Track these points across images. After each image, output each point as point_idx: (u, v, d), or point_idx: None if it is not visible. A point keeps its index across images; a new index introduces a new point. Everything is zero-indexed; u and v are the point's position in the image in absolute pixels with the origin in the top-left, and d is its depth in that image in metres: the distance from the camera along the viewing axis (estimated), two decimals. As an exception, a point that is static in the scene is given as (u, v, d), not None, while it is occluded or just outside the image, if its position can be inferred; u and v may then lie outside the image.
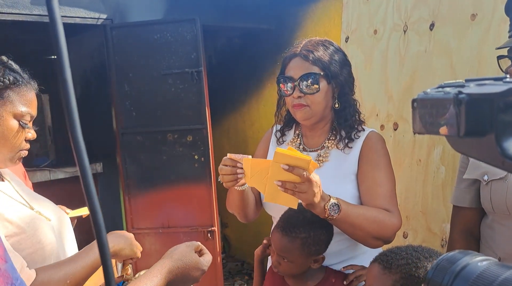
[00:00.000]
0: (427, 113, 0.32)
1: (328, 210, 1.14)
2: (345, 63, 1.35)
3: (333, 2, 2.85)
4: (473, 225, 1.41)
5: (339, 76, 1.31)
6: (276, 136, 1.48)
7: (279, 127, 1.49)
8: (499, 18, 1.64)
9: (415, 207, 1.95)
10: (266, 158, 1.47)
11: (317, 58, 1.28)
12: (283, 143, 1.46)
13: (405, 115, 2.02)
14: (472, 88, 0.29)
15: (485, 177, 1.30)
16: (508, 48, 1.27)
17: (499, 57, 1.32)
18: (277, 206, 1.25)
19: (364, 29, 2.18)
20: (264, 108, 3.70)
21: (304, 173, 1.05)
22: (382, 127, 2.10)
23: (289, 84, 1.30)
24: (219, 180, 1.21)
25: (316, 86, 1.27)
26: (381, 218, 1.23)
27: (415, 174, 1.96)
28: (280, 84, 1.34)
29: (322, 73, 1.28)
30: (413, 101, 0.36)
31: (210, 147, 2.82)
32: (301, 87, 1.28)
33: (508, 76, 0.29)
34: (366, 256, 1.34)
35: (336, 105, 1.34)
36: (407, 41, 1.98)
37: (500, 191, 1.26)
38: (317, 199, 1.10)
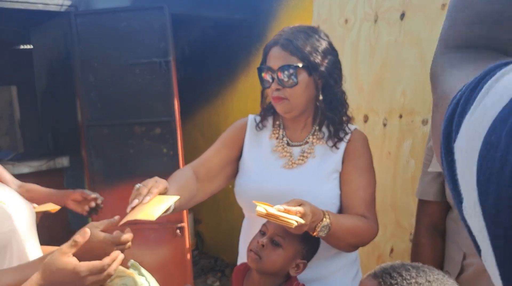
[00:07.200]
0: None
1: (319, 231, 1.09)
2: (329, 52, 1.24)
3: (307, -8, 2.79)
4: (439, 219, 1.36)
5: (321, 67, 1.21)
6: (255, 121, 1.38)
7: (258, 118, 1.39)
8: (469, 7, 1.60)
9: (385, 200, 1.91)
10: (241, 147, 1.38)
11: (297, 48, 1.19)
12: (262, 128, 1.37)
13: (375, 107, 1.97)
14: None
15: None
16: None
17: None
18: (250, 196, 1.21)
19: (335, 19, 2.12)
20: (238, 101, 3.62)
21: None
22: (351, 119, 2.04)
23: (269, 75, 1.23)
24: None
25: (293, 78, 1.19)
26: (363, 229, 1.20)
27: (384, 167, 1.91)
28: (262, 74, 1.25)
29: (300, 65, 1.19)
30: None
31: (179, 140, 2.73)
32: (279, 79, 1.20)
33: None
34: (340, 258, 1.30)
35: (320, 98, 1.26)
36: (378, 31, 1.93)
37: None
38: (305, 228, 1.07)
